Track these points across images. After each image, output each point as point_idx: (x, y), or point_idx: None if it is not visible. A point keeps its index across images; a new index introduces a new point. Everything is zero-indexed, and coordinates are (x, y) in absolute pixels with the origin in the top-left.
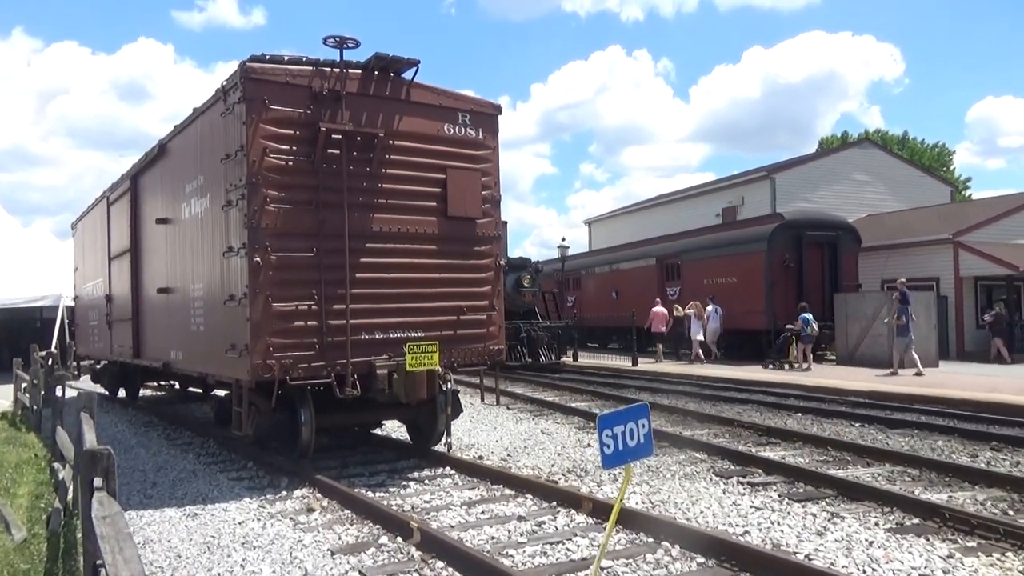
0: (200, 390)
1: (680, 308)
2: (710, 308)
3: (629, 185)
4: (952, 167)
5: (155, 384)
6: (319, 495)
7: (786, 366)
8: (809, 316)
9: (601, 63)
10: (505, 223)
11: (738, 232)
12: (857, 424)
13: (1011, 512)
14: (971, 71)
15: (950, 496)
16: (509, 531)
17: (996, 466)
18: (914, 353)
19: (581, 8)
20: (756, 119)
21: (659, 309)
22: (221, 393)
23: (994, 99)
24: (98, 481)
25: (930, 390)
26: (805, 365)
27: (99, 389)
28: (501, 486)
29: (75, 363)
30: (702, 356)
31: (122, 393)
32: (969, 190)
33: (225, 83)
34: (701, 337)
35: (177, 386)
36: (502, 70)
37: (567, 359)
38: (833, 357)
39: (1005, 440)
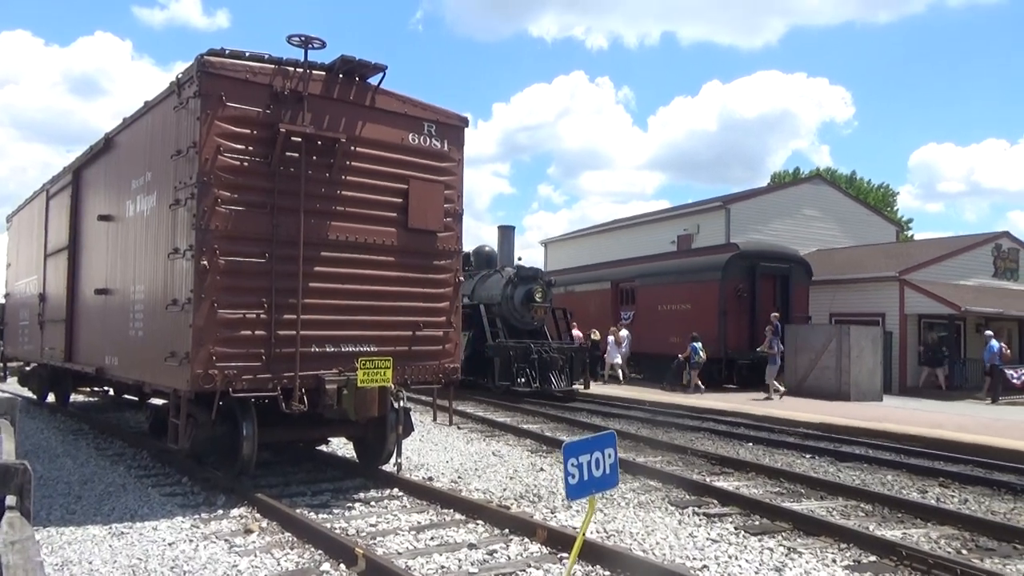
0: (135, 398)
1: (597, 332)
2: (623, 333)
3: (585, 208)
4: (896, 208)
5: (88, 390)
6: (258, 515)
7: (679, 388)
8: (698, 345)
9: (564, 87)
10: (513, 229)
11: (693, 260)
12: (808, 456)
13: (964, 551)
14: (915, 118)
15: (904, 533)
16: (460, 560)
17: (946, 502)
18: (775, 381)
19: (548, 34)
20: (711, 151)
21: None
22: (157, 402)
23: (936, 145)
24: (10, 499)
25: (876, 424)
26: (700, 388)
27: (27, 392)
28: (451, 510)
29: (2, 364)
30: (620, 378)
31: (51, 398)
32: (911, 231)
33: (180, 76)
34: (619, 360)
35: (111, 393)
36: (465, 87)
37: (579, 386)
38: (782, 388)
39: (951, 476)
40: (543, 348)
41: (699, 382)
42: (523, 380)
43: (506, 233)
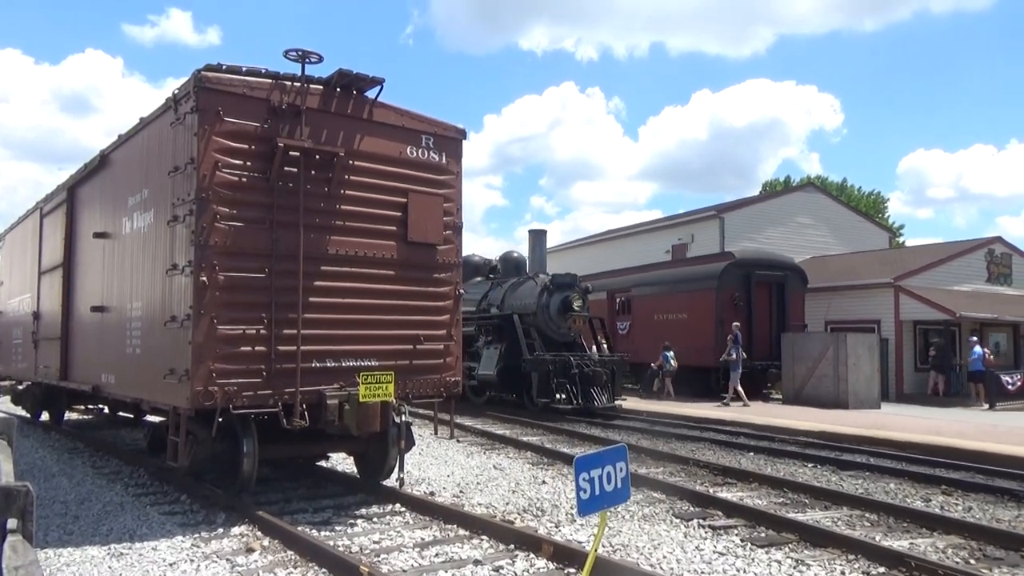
0: (131, 416)
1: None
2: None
3: (578, 219)
4: (886, 214)
5: (82, 408)
6: (259, 533)
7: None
8: (670, 354)
9: (555, 98)
10: (544, 232)
11: (689, 269)
12: (810, 465)
13: (972, 560)
14: (904, 124)
15: (911, 543)
16: None
17: (950, 511)
18: (739, 388)
19: (538, 46)
20: (702, 160)
21: None
22: (154, 419)
23: (924, 152)
24: (12, 523)
25: (876, 432)
26: (671, 395)
27: (20, 412)
28: (455, 525)
29: None
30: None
31: (45, 416)
32: (902, 237)
33: (177, 92)
34: None
35: (106, 411)
36: (457, 100)
37: (621, 402)
38: (779, 396)
39: (954, 484)
40: (584, 361)
41: (671, 389)
42: (563, 397)
43: (538, 237)
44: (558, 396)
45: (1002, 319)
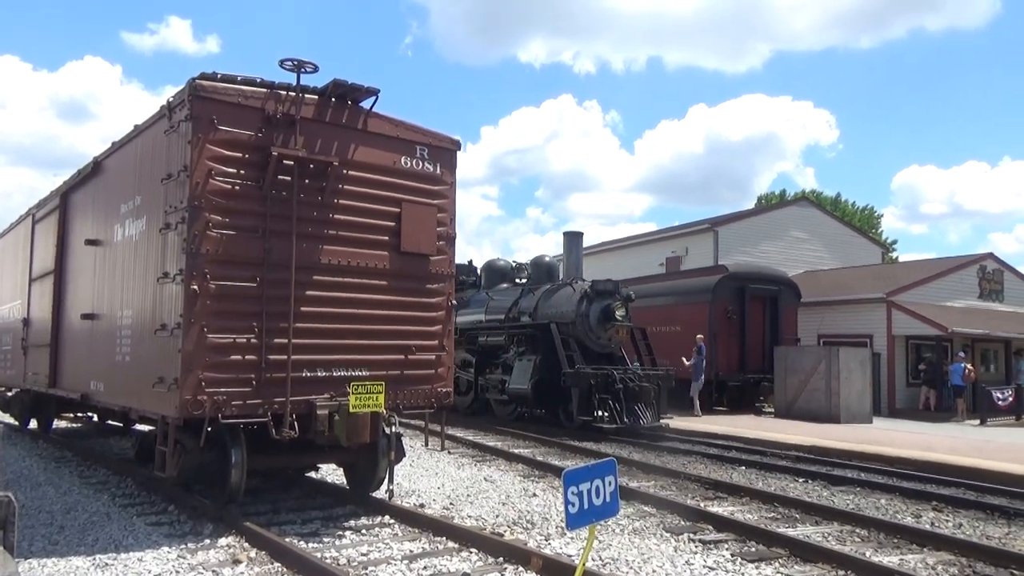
0: (120, 424)
1: None
2: None
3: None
4: (880, 229)
5: (71, 416)
6: (246, 544)
7: None
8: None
9: (552, 111)
10: (581, 235)
11: (683, 282)
12: (801, 479)
13: None
14: (898, 140)
15: (901, 559)
16: None
17: (940, 527)
18: (696, 399)
19: (536, 59)
20: (698, 173)
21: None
22: (143, 428)
23: (918, 167)
24: None
25: (868, 447)
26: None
27: (8, 419)
28: (444, 538)
29: None
30: None
31: (34, 424)
32: (895, 252)
33: (171, 99)
34: None
35: (95, 419)
36: (454, 111)
37: (667, 420)
38: (772, 409)
39: (945, 500)
40: (628, 375)
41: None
42: (605, 414)
43: (573, 240)
44: (599, 413)
45: (994, 335)
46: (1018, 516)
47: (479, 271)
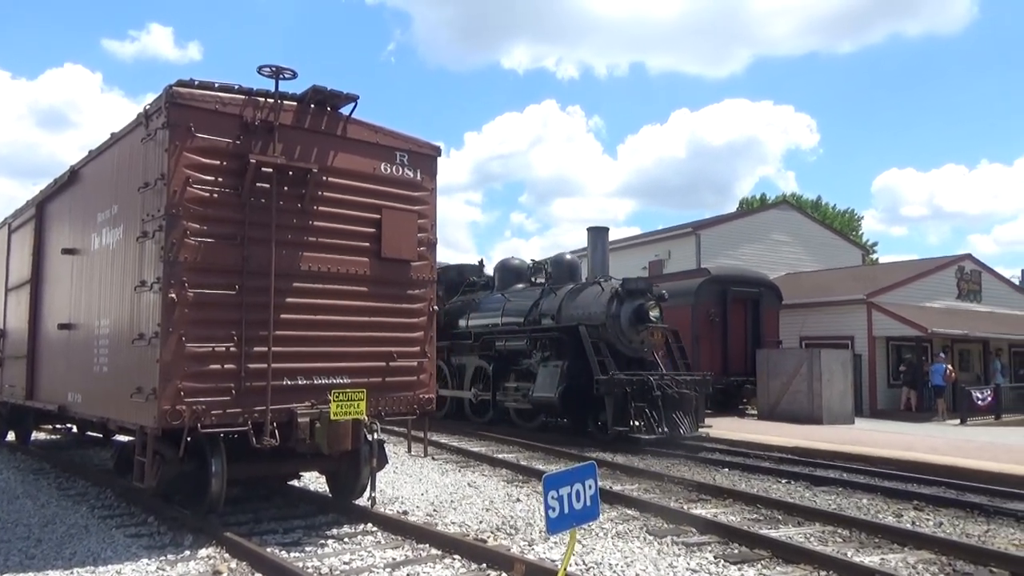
0: (100, 435)
1: None
2: None
3: (557, 236)
4: (860, 232)
5: (50, 427)
6: (227, 555)
7: None
8: None
9: (536, 116)
10: (606, 230)
11: (665, 285)
12: (784, 480)
13: (942, 575)
14: (878, 144)
15: (882, 558)
16: None
17: (921, 526)
18: None
19: (519, 65)
20: (681, 178)
21: None
22: (123, 438)
23: (898, 171)
24: None
25: (850, 447)
26: None
27: None
28: (427, 545)
29: None
30: None
31: (11, 437)
32: (876, 254)
33: (148, 107)
34: None
35: (75, 430)
36: (438, 117)
37: (707, 430)
38: (754, 412)
39: (925, 499)
40: (666, 382)
41: None
42: (641, 424)
43: (598, 235)
44: (635, 423)
45: (972, 335)
46: (997, 514)
47: (493, 271)
